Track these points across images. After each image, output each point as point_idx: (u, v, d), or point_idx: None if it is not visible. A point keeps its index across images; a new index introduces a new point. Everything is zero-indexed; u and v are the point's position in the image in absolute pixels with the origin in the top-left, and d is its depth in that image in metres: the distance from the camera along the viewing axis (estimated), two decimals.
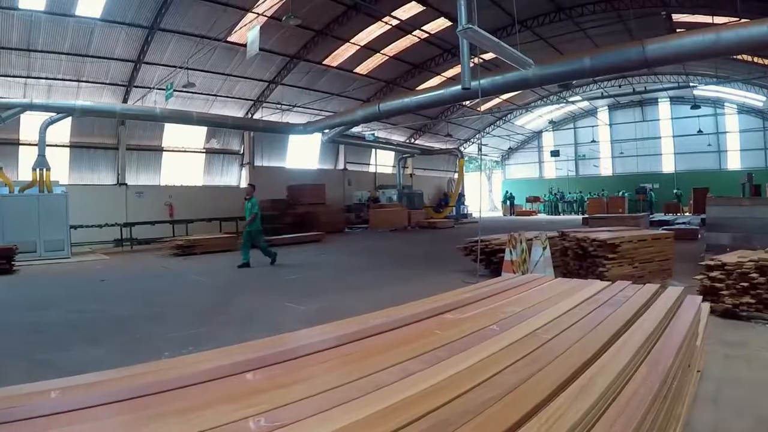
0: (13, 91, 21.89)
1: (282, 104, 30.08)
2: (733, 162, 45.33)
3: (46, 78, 22.51)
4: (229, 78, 27.07)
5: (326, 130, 28.19)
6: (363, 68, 30.06)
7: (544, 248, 9.93)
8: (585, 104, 48.30)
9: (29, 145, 22.57)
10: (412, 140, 43.24)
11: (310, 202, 29.58)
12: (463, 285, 8.63)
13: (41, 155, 19.65)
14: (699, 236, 18.72)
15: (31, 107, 20.27)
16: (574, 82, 19.83)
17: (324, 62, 28.54)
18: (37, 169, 19.37)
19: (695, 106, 38.26)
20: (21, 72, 21.78)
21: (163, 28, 22.08)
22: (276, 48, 25.87)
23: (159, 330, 7.60)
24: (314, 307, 8.89)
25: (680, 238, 17.66)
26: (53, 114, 20.95)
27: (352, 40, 26.92)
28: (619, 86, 39.75)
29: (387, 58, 29.12)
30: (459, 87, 17.33)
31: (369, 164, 41.56)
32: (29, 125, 22.44)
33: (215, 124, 27.39)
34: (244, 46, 24.08)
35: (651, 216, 29.88)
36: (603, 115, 50.69)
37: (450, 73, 32.80)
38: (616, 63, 15.66)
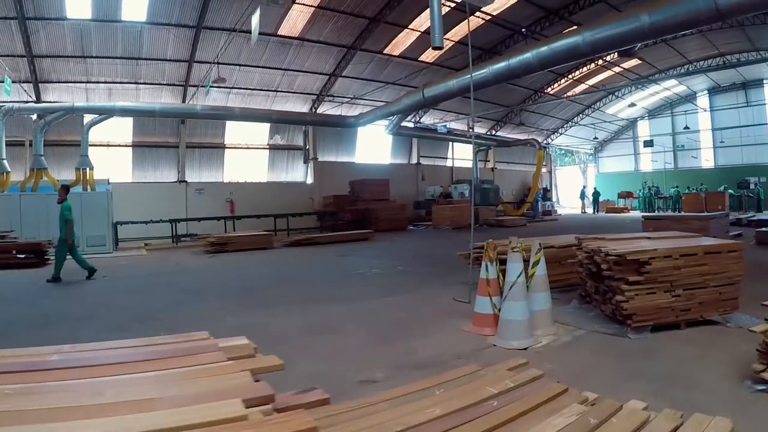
0: (76, 96, 23.97)
1: (335, 96, 30.44)
2: None
3: (105, 82, 24.38)
4: (287, 72, 27.69)
5: (385, 123, 28.53)
6: (428, 56, 29.81)
7: (535, 263, 7.37)
8: (682, 89, 46.05)
9: (92, 145, 24.04)
10: (493, 132, 42.70)
11: (372, 198, 29.72)
12: (454, 303, 9.05)
13: (84, 155, 21.70)
14: None
15: (73, 110, 22.10)
16: (637, 47, 18.30)
17: (385, 51, 28.61)
18: (81, 169, 21.21)
19: None
20: (81, 78, 23.66)
21: (208, 26, 23.03)
22: (330, 39, 26.19)
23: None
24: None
25: None
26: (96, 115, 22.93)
27: (410, 26, 26.89)
28: (719, 64, 37.16)
29: (452, 43, 28.31)
30: (505, 65, 17.58)
31: (446, 158, 41.34)
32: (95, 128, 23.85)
33: (255, 119, 27.71)
34: (298, 38, 25.24)
35: (751, 215, 28.34)
36: (702, 100, 47.54)
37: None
38: (681, 17, 12.92)
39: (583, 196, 49.33)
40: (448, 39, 27.57)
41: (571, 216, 42.56)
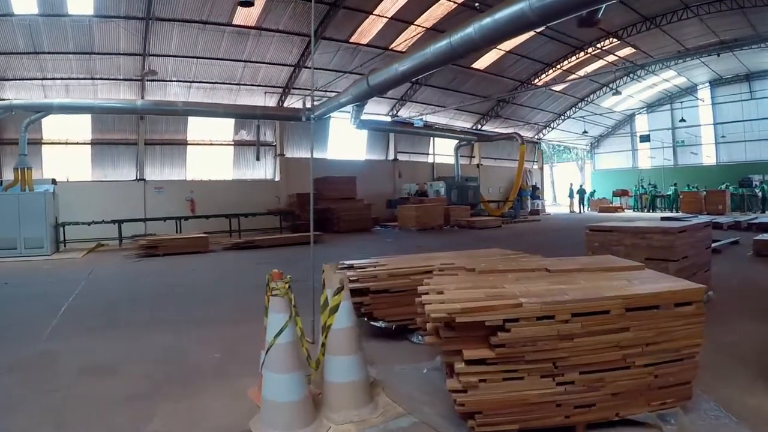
0: (34, 93, 24.01)
1: (303, 89, 29.74)
2: None
3: (61, 78, 24.18)
4: (248, 64, 27.18)
5: (349, 115, 27.93)
6: (400, 44, 28.79)
7: (333, 309, 4.97)
8: (682, 80, 44.98)
9: (50, 143, 25.37)
10: (478, 126, 42.02)
11: (337, 196, 28.96)
12: None
13: (22, 154, 21.26)
14: None
15: (11, 108, 21.87)
16: (600, 13, 16.50)
17: (351, 40, 27.85)
18: (19, 168, 20.86)
19: None
20: (36, 75, 23.54)
21: (158, 17, 22.48)
22: (290, 27, 25.54)
23: None
24: None
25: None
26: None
27: (375, 12, 26.05)
28: (718, 55, 36.25)
29: (424, 30, 27.73)
30: (446, 43, 16.01)
31: (427, 154, 40.58)
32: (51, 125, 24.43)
33: (204, 113, 26.88)
34: (255, 28, 25.01)
35: (752, 218, 27.02)
36: (704, 93, 46.66)
37: (508, 44, 31.33)
38: None
39: (571, 194, 48.66)
40: (419, 25, 27.44)
41: (557, 216, 42.10)
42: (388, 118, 35.72)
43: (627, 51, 35.93)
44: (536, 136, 48.10)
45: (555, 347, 4.26)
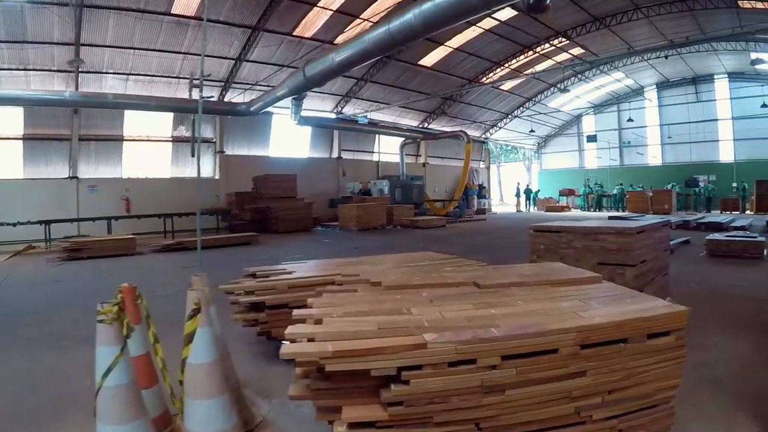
0: None
1: (244, 83, 29.19)
2: None
3: None
4: (188, 57, 26.21)
5: (291, 110, 27.42)
6: (344, 39, 27.25)
7: (189, 336, 3.89)
8: (630, 82, 45.96)
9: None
10: (425, 124, 41.80)
11: (276, 195, 27.98)
12: None
13: None
14: (765, 252, 14.44)
15: None
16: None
17: (295, 33, 27.21)
18: None
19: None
20: None
21: (93, 4, 21.34)
22: (231, 18, 24.78)
23: None
24: None
25: (729, 255, 14.43)
26: None
27: (319, 4, 25.50)
28: (666, 58, 37.46)
29: (370, 24, 25.86)
30: (385, 30, 15.58)
31: (372, 152, 40.22)
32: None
33: (135, 107, 25.73)
34: (194, 18, 24.14)
35: (700, 217, 27.59)
36: (651, 94, 48.05)
37: (456, 41, 31.62)
38: None
39: (518, 193, 49.20)
40: (365, 19, 26.90)
41: (504, 215, 42.16)
42: (333, 115, 35.16)
43: (576, 51, 36.10)
44: (483, 135, 48.12)
45: (478, 404, 3.05)
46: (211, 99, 28.42)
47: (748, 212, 37.47)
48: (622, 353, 3.30)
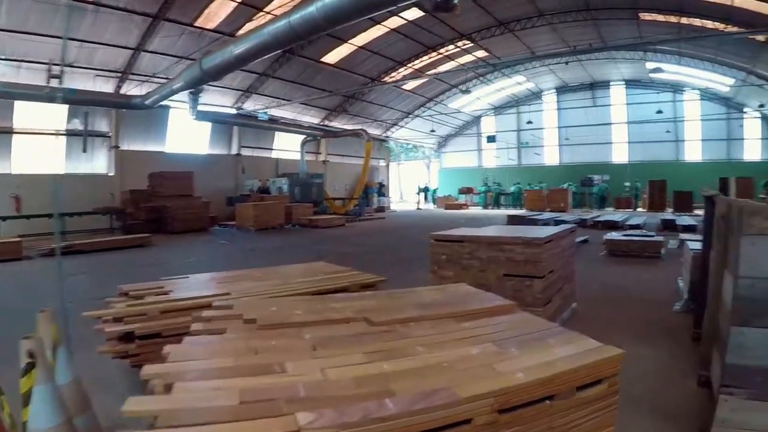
0: None
1: (142, 75, 27.61)
2: (693, 153, 45.31)
3: None
4: (84, 44, 24.27)
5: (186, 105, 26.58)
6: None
7: (25, 396, 3.04)
8: (530, 86, 47.63)
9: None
10: (326, 122, 41.26)
11: (173, 193, 26.74)
12: None
13: None
14: (663, 251, 14.80)
15: None
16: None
17: (196, 24, 26.04)
18: None
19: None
20: None
21: None
22: (132, 5, 23.22)
23: None
24: None
25: (629, 255, 14.69)
26: None
27: None
28: (566, 63, 38.93)
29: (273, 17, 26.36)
30: (285, 23, 15.13)
31: (272, 149, 39.48)
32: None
33: (23, 97, 23.49)
34: (92, 2, 22.65)
35: (596, 215, 28.13)
36: (550, 98, 50.20)
37: (360, 39, 31.22)
38: None
39: (420, 191, 49.65)
40: (269, 12, 26.08)
41: (403, 213, 42.15)
42: (234, 111, 34.26)
43: (479, 54, 36.44)
44: (384, 134, 48.07)
45: None
46: (104, 92, 27.09)
47: (640, 210, 39.35)
48: (548, 412, 2.82)
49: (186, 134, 33.07)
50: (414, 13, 28.70)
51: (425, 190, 49.84)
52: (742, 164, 42.45)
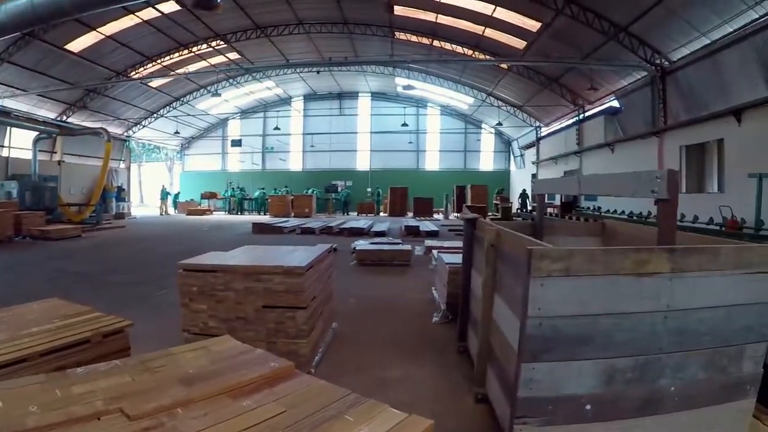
0: None
1: None
2: (433, 162, 50.01)
3: None
4: None
5: None
6: None
7: None
8: (279, 91, 48.26)
9: None
10: (65, 117, 37.63)
11: None
12: None
13: None
14: (412, 260, 15.04)
15: None
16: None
17: None
18: None
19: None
20: None
21: None
22: None
23: None
24: None
25: (379, 264, 14.60)
26: None
27: None
28: (318, 72, 40.20)
29: None
30: (27, 2, 13.59)
31: (3, 146, 34.73)
32: None
33: None
34: None
35: (341, 222, 28.09)
36: (298, 104, 51.33)
37: (110, 28, 29.06)
38: None
39: (164, 195, 47.49)
40: None
41: (145, 219, 40.00)
42: None
43: (232, 56, 36.00)
44: (125, 133, 45.55)
45: None
46: None
47: (382, 214, 41.37)
48: None
49: None
50: (170, 6, 27.52)
51: (166, 193, 47.40)
52: (478, 173, 48.14)
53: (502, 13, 26.39)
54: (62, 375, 3.45)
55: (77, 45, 29.97)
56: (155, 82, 38.29)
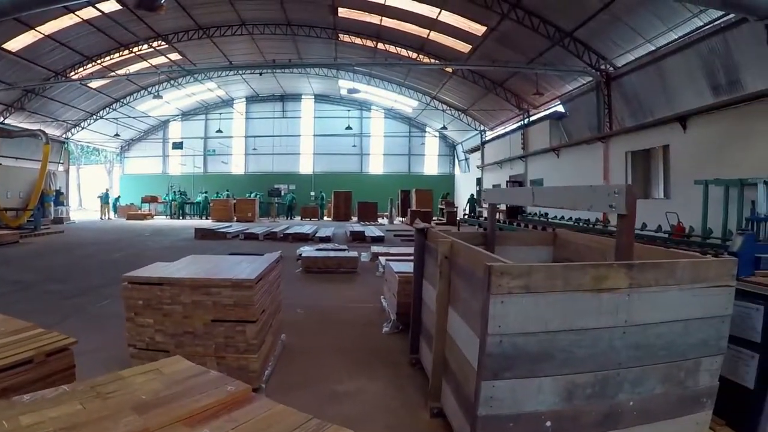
0: None
1: None
2: (376, 166, 49.94)
3: None
4: None
5: None
6: None
7: None
8: (221, 93, 47.88)
9: None
10: (1, 119, 36.24)
11: None
12: None
13: None
14: (358, 266, 14.84)
15: None
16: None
17: None
18: None
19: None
20: None
21: None
22: None
23: None
24: None
25: (326, 271, 14.43)
26: None
27: None
28: (260, 74, 39.91)
29: None
30: None
31: None
32: None
33: None
34: None
35: (285, 227, 27.89)
36: (240, 107, 50.96)
37: (49, 28, 28.37)
38: None
39: (106, 199, 45.98)
40: None
41: (84, 224, 38.85)
42: None
43: (174, 56, 35.58)
44: (64, 135, 44.55)
45: None
46: None
47: (326, 219, 41.36)
48: None
49: None
50: (111, 6, 27.04)
51: (105, 198, 46.04)
52: (422, 177, 48.45)
53: (447, 17, 26.65)
54: (8, 404, 3.10)
55: (15, 44, 29.21)
56: (95, 83, 37.48)
